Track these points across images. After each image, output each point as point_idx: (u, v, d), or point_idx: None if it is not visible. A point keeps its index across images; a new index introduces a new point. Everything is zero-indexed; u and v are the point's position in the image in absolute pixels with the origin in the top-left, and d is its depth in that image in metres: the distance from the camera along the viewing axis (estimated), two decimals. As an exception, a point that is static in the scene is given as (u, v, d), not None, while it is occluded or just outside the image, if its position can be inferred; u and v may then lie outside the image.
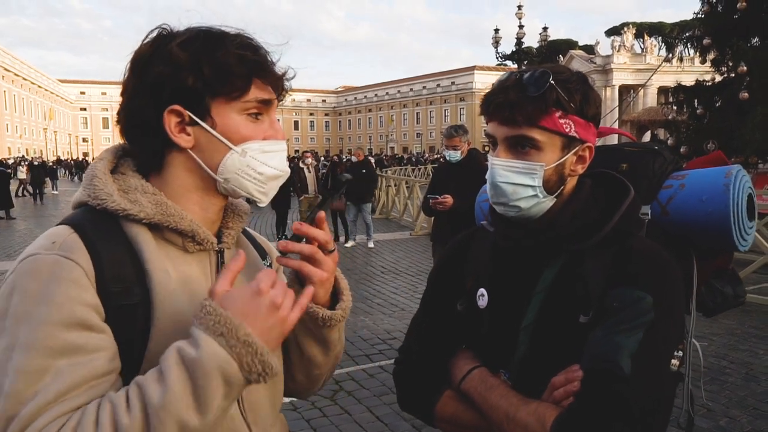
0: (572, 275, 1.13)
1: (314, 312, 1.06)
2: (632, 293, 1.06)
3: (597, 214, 1.16)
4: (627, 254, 1.12)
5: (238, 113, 0.98)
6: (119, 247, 0.93)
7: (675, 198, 1.32)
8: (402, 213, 15.75)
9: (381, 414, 4.09)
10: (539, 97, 1.09)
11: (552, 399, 1.06)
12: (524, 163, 1.13)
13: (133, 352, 0.91)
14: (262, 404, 1.06)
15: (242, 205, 1.15)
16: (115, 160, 1.04)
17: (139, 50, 0.98)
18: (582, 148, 1.16)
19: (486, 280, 1.25)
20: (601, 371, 1.02)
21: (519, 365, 1.17)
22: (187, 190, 1.01)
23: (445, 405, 1.21)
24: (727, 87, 10.97)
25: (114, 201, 0.95)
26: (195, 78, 0.94)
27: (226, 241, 1.08)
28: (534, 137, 1.11)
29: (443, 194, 4.71)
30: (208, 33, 0.97)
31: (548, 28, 24.59)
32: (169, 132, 0.96)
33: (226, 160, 0.98)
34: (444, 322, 1.31)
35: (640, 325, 1.03)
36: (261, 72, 0.98)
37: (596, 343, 1.05)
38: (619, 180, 1.23)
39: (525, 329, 1.16)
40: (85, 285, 0.87)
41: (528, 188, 1.14)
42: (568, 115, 1.12)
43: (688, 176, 1.35)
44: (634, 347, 1.02)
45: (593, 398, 1.00)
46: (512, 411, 1.08)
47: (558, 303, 1.13)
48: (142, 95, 0.96)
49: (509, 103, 1.11)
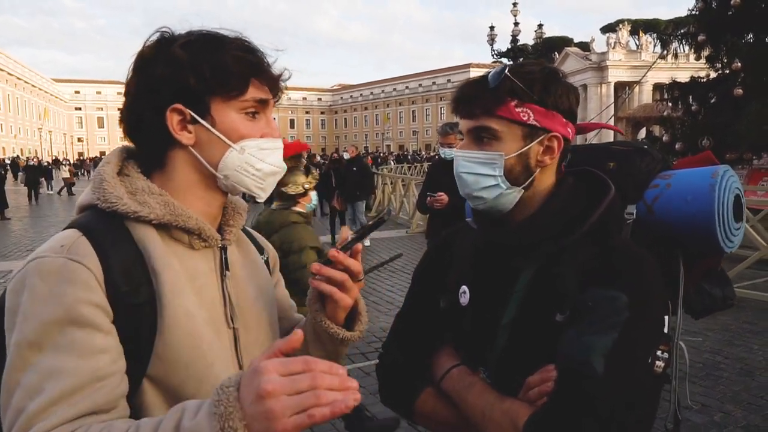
0: (551, 273, 1.14)
1: (335, 333, 1.11)
2: (607, 293, 1.06)
3: (577, 211, 1.17)
4: (604, 253, 1.12)
5: (237, 112, 1.02)
6: (128, 248, 0.97)
7: (660, 197, 1.31)
8: (398, 211, 15.76)
9: (377, 411, 4.10)
10: (494, 88, 1.13)
11: (527, 398, 1.08)
12: (484, 153, 1.17)
13: (140, 348, 0.94)
14: None
15: (241, 202, 1.19)
16: (120, 162, 1.07)
17: (141, 52, 1.02)
18: (548, 137, 1.16)
19: (468, 277, 1.27)
20: (573, 371, 1.02)
21: (497, 362, 1.18)
22: (190, 186, 1.05)
23: (424, 402, 1.24)
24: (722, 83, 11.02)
25: (125, 204, 0.98)
26: (196, 78, 0.98)
27: (228, 238, 1.12)
28: (491, 126, 1.15)
29: (439, 192, 4.72)
30: (208, 36, 1.02)
31: (543, 25, 24.63)
32: (172, 130, 1.00)
33: (226, 158, 1.03)
34: (427, 318, 1.33)
35: (615, 325, 1.03)
36: (258, 72, 1.02)
37: (569, 342, 1.05)
38: (600, 178, 1.23)
39: (504, 327, 1.17)
40: (92, 286, 0.90)
41: (489, 178, 1.16)
42: (525, 104, 1.13)
43: (675, 176, 1.34)
44: (608, 347, 1.01)
45: (564, 398, 1.01)
46: (488, 410, 1.10)
47: (536, 301, 1.14)
48: (146, 95, 1.01)
49: (467, 97, 1.18)
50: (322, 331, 1.12)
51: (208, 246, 1.07)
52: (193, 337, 0.98)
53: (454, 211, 4.55)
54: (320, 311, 1.12)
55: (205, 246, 1.07)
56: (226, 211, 1.15)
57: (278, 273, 1.35)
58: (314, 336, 1.16)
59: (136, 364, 0.94)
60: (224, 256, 1.10)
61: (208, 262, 1.08)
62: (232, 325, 1.08)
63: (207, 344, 1.00)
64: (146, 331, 0.95)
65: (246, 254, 1.20)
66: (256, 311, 1.14)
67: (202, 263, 1.06)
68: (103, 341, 0.90)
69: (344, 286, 1.07)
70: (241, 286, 1.13)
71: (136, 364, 0.94)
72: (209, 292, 1.05)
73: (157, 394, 0.97)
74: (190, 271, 1.03)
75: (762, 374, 4.67)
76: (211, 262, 1.09)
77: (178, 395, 0.96)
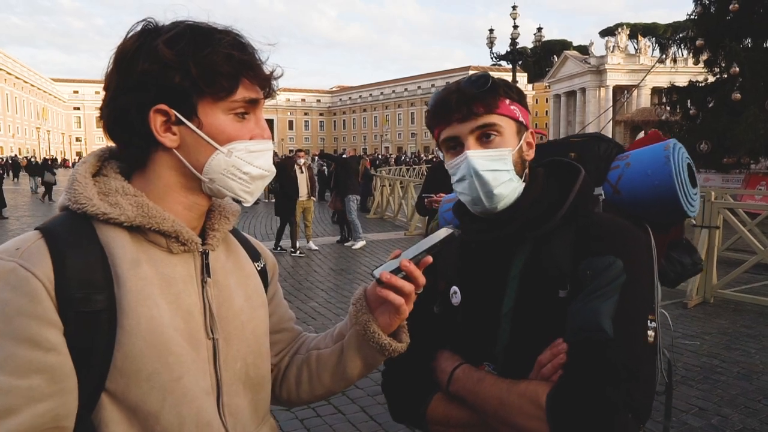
0: (542, 256, 1.18)
1: (387, 344, 1.08)
2: (603, 259, 1.11)
3: (554, 196, 1.22)
4: (590, 226, 1.18)
5: (225, 113, 0.96)
6: (90, 252, 0.90)
7: (623, 176, 1.41)
8: (396, 213, 15.75)
9: (374, 413, 4.09)
10: (490, 88, 1.18)
11: (540, 376, 1.08)
12: (496, 150, 1.19)
13: (97, 360, 0.88)
14: (242, 409, 1.05)
15: (230, 206, 1.12)
16: (98, 162, 1.02)
17: (123, 45, 0.94)
18: (528, 133, 1.25)
19: (457, 278, 1.29)
20: (586, 338, 1.05)
21: (504, 353, 1.19)
22: (171, 189, 0.99)
23: (435, 408, 1.22)
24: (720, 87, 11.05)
25: (94, 205, 0.93)
26: (182, 77, 0.91)
27: (210, 242, 1.05)
28: (496, 123, 1.19)
29: (438, 193, 4.72)
30: (196, 30, 0.94)
31: (542, 28, 24.59)
32: (155, 132, 0.94)
33: (212, 161, 0.96)
34: (423, 327, 1.30)
35: (615, 288, 1.08)
36: (249, 71, 0.96)
37: (576, 312, 1.08)
38: (568, 164, 1.29)
39: (506, 316, 1.19)
40: (39, 298, 0.84)
41: (504, 173, 1.19)
42: (514, 102, 1.22)
43: (632, 155, 1.45)
44: (613, 310, 1.06)
45: (582, 367, 1.03)
46: (504, 396, 1.09)
47: (534, 284, 1.17)
48: (127, 93, 0.93)
49: (467, 99, 1.18)
50: (369, 342, 1.08)
51: (187, 250, 1.00)
52: (156, 348, 0.90)
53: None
54: (372, 321, 1.08)
55: (185, 250, 0.99)
56: (212, 215, 1.08)
57: (277, 282, 1.29)
58: (357, 346, 1.12)
59: (94, 377, 0.88)
60: (205, 261, 1.03)
61: (187, 268, 1.00)
62: (212, 336, 1.00)
63: (175, 356, 0.92)
64: (104, 341, 0.87)
65: (235, 261, 1.13)
66: (240, 322, 1.06)
67: (180, 269, 0.99)
68: (42, 359, 0.83)
69: (409, 297, 1.04)
70: (225, 294, 1.05)
71: (94, 377, 0.88)
72: (187, 299, 0.97)
73: (116, 409, 0.89)
74: (165, 277, 0.96)
75: (760, 378, 4.67)
76: (191, 267, 1.01)
77: (139, 410, 0.90)
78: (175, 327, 0.93)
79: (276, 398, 1.24)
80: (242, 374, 1.05)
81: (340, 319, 6.39)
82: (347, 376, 1.16)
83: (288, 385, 1.22)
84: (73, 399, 0.87)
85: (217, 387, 1.00)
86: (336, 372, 1.16)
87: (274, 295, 1.25)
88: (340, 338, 1.18)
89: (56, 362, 0.84)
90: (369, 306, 1.10)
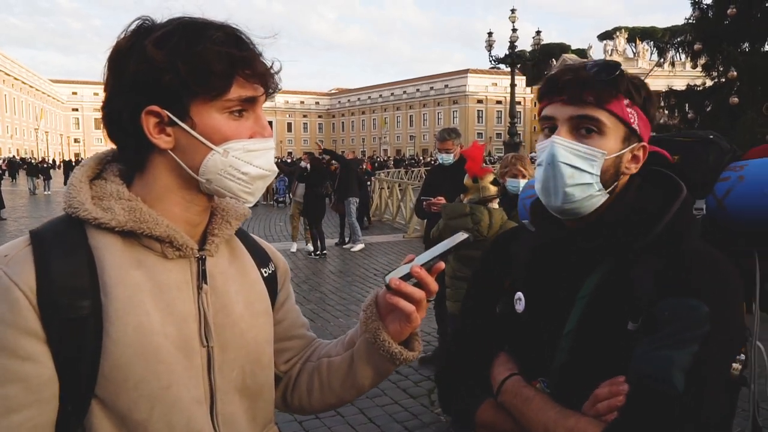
0: (619, 279, 1.05)
1: (397, 353, 1.05)
2: (686, 302, 0.98)
3: (647, 213, 1.08)
4: (680, 258, 1.03)
5: (219, 112, 0.92)
6: (79, 258, 0.90)
7: (733, 191, 1.23)
8: (395, 215, 15.74)
9: (373, 416, 4.09)
10: (611, 80, 1.05)
11: (594, 411, 1.00)
12: (587, 147, 1.07)
13: (85, 367, 0.87)
14: (238, 418, 1.03)
15: (234, 210, 1.08)
16: (98, 166, 1.01)
17: (117, 45, 0.92)
18: (638, 146, 1.11)
19: (523, 283, 1.19)
20: (650, 386, 0.95)
21: (559, 373, 1.11)
22: (169, 191, 0.97)
23: (484, 413, 1.16)
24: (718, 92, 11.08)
25: (86, 209, 0.92)
26: (172, 77, 0.88)
27: (208, 248, 1.02)
28: (600, 119, 1.06)
29: (436, 196, 4.72)
30: (188, 26, 0.91)
31: (541, 31, 24.67)
32: (148, 133, 0.91)
33: (207, 161, 0.93)
34: (483, 324, 1.26)
35: (695, 338, 0.95)
36: (244, 68, 0.91)
37: (645, 355, 0.97)
38: (670, 178, 1.15)
39: (567, 335, 1.09)
40: (21, 307, 0.83)
41: (586, 175, 1.07)
42: (634, 106, 1.08)
43: (748, 167, 1.25)
44: (688, 362, 0.94)
45: (640, 414, 0.94)
46: (551, 426, 1.02)
47: (603, 309, 1.06)
48: (120, 94, 0.92)
49: (580, 81, 1.06)
50: (379, 350, 1.05)
51: (183, 256, 0.97)
52: (144, 356, 0.88)
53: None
54: (382, 329, 1.04)
55: (180, 255, 0.97)
56: (214, 219, 1.05)
57: (290, 288, 1.25)
58: (367, 354, 1.10)
59: (82, 384, 0.87)
60: (202, 267, 1.00)
61: (183, 274, 0.97)
62: (206, 344, 0.98)
63: (164, 364, 0.90)
64: (90, 348, 0.86)
65: (239, 267, 1.09)
66: (239, 329, 1.03)
67: (175, 274, 0.96)
68: (18, 368, 0.82)
69: (420, 305, 1.01)
70: (223, 301, 1.02)
71: (82, 384, 0.87)
72: (180, 306, 0.95)
73: (105, 417, 0.88)
74: (158, 283, 0.93)
75: (757, 379, 4.67)
76: (187, 273, 0.98)
77: (127, 418, 0.89)
78: (166, 334, 0.92)
79: (288, 406, 1.23)
80: (239, 382, 1.03)
81: (339, 321, 6.42)
82: (358, 384, 1.14)
83: (299, 393, 1.20)
84: (51, 409, 0.86)
85: (211, 395, 0.98)
86: (346, 380, 1.14)
87: (285, 300, 1.22)
88: (351, 346, 1.16)
89: (33, 372, 0.84)
90: (380, 313, 1.06)
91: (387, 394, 4.43)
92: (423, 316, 1.03)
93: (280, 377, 1.20)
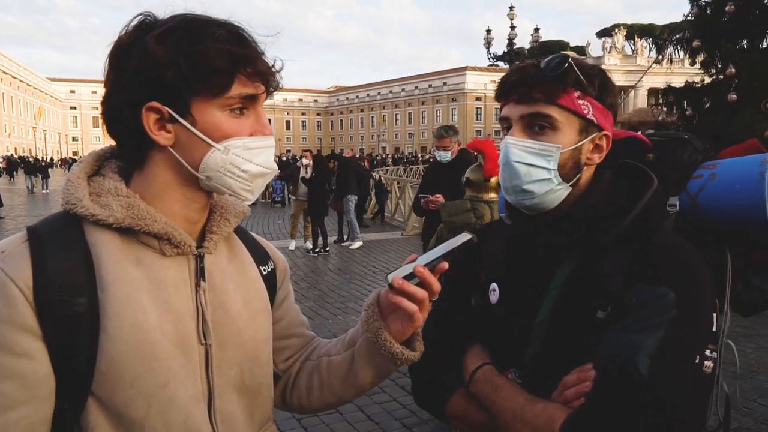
0: (590, 270, 1.07)
1: (399, 353, 1.04)
2: (653, 289, 1.00)
3: (617, 206, 1.10)
4: (649, 248, 1.05)
5: (220, 110, 0.92)
6: (76, 254, 0.89)
7: (705, 188, 1.25)
8: (393, 213, 15.74)
9: (372, 413, 4.10)
10: (558, 75, 1.06)
11: (562, 398, 1.01)
12: (540, 144, 1.08)
13: (82, 363, 0.87)
14: (236, 416, 1.03)
15: (233, 207, 1.08)
16: (96, 162, 1.00)
17: (118, 41, 0.92)
18: (599, 135, 1.11)
19: (498, 275, 1.21)
20: (615, 371, 0.96)
21: (531, 363, 1.12)
22: (168, 188, 0.96)
23: (456, 404, 1.18)
24: (716, 89, 11.07)
25: (83, 206, 0.91)
26: (173, 74, 0.88)
27: (207, 245, 1.01)
28: (551, 115, 1.07)
29: (434, 194, 4.72)
30: (191, 23, 0.91)
31: (540, 29, 24.66)
32: (148, 130, 0.91)
33: (208, 158, 0.93)
34: (458, 316, 1.27)
35: (661, 324, 0.97)
36: (245, 66, 0.91)
37: (612, 341, 0.99)
38: (641, 170, 1.16)
39: (539, 325, 1.11)
40: (17, 303, 0.83)
41: (542, 170, 1.08)
42: (587, 97, 1.08)
43: (720, 165, 1.27)
44: (653, 347, 0.95)
45: (605, 399, 0.95)
46: (519, 412, 1.04)
47: (574, 299, 1.08)
48: (120, 90, 0.91)
49: (527, 80, 1.07)
50: (381, 350, 1.04)
51: (181, 253, 0.97)
52: (140, 353, 0.88)
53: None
54: (383, 329, 1.04)
55: (178, 253, 0.97)
56: (213, 216, 1.05)
57: (289, 286, 1.25)
58: (368, 353, 1.10)
59: (79, 381, 0.87)
60: (200, 265, 1.00)
61: (181, 271, 0.97)
62: (204, 342, 0.97)
63: (161, 362, 0.90)
64: (87, 344, 0.86)
65: (238, 265, 1.09)
66: (236, 327, 1.03)
67: (173, 272, 0.96)
68: (14, 365, 0.83)
69: (423, 305, 1.00)
70: (222, 298, 1.02)
71: (79, 381, 0.87)
72: (178, 303, 0.95)
73: (102, 414, 0.88)
74: (155, 280, 0.93)
75: (755, 377, 4.70)
76: (185, 270, 0.98)
77: (123, 416, 0.88)
78: (163, 332, 0.91)
79: (287, 405, 1.22)
80: (237, 380, 1.03)
81: (337, 318, 6.42)
82: (358, 384, 1.14)
83: (299, 392, 1.20)
84: (47, 406, 0.86)
85: (209, 393, 0.98)
86: (347, 380, 1.14)
87: (284, 299, 1.22)
88: (352, 345, 1.16)
89: (29, 369, 0.84)
90: (381, 312, 1.06)
91: (385, 391, 4.43)
92: (425, 317, 1.03)
93: (279, 376, 1.20)
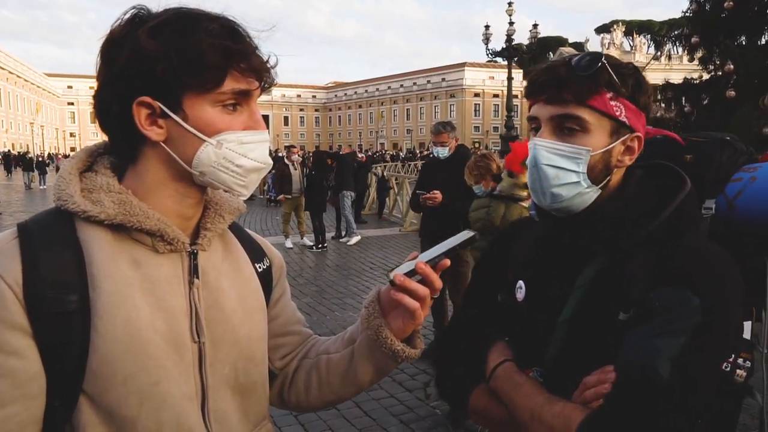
0: (615, 272, 1.05)
1: (399, 350, 1.04)
2: (677, 293, 0.97)
3: (646, 207, 1.07)
4: (674, 251, 1.02)
5: (212, 105, 0.90)
6: (66, 251, 0.88)
7: (744, 192, 1.22)
8: (391, 209, 15.74)
9: (369, 409, 4.10)
10: (590, 75, 1.02)
11: (582, 399, 1.00)
12: (569, 146, 1.05)
13: (73, 361, 0.86)
14: (230, 414, 1.02)
15: (228, 203, 1.07)
16: (89, 158, 0.99)
17: (110, 34, 0.90)
18: (631, 137, 1.08)
19: (525, 273, 1.20)
20: (635, 374, 0.95)
21: (552, 362, 1.11)
22: (161, 183, 0.95)
23: (477, 399, 1.17)
24: (714, 85, 11.07)
25: (74, 202, 0.90)
26: (165, 68, 0.86)
27: (200, 242, 1.00)
28: (582, 117, 1.04)
29: (432, 190, 4.71)
30: (183, 17, 0.89)
31: (538, 25, 24.61)
32: (139, 125, 0.90)
33: (200, 153, 0.91)
34: (482, 313, 1.27)
35: (684, 328, 0.94)
36: (238, 62, 0.90)
37: (633, 344, 0.97)
38: (675, 172, 1.12)
39: (561, 325, 1.10)
40: (5, 301, 0.82)
41: (572, 174, 1.05)
42: (619, 98, 1.05)
43: (761, 168, 1.24)
44: (676, 352, 0.93)
45: (623, 402, 0.94)
46: (537, 411, 1.02)
47: (598, 299, 1.06)
48: (111, 84, 0.90)
49: (557, 80, 1.04)
50: (381, 348, 1.04)
51: (174, 250, 0.96)
52: (132, 351, 0.87)
53: (447, 209, 4.56)
54: (384, 326, 1.03)
55: (171, 250, 0.95)
56: (207, 212, 1.03)
57: (285, 283, 1.23)
58: (368, 351, 1.09)
59: (70, 379, 0.86)
60: (194, 262, 0.98)
61: (174, 268, 0.96)
62: (198, 340, 0.96)
63: (153, 360, 0.89)
64: (78, 343, 0.85)
65: (232, 262, 1.08)
66: (231, 325, 1.02)
67: (166, 269, 0.95)
68: (4, 363, 0.82)
69: (424, 302, 0.99)
70: (215, 296, 1.00)
71: (70, 379, 0.86)
72: (171, 301, 0.94)
73: (94, 412, 0.87)
74: (148, 277, 0.92)
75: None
76: (178, 268, 0.97)
77: (115, 415, 0.87)
78: (155, 330, 0.90)
79: (285, 403, 1.21)
80: (231, 379, 1.02)
81: (335, 315, 6.42)
82: (358, 382, 1.13)
83: (297, 390, 1.19)
84: (38, 405, 0.86)
85: (203, 391, 0.97)
86: (346, 378, 1.13)
87: (280, 296, 1.21)
88: (351, 342, 1.15)
89: (19, 366, 0.83)
90: (382, 309, 1.05)
91: (383, 387, 4.43)
92: (426, 314, 1.02)
93: (275, 374, 1.19)
